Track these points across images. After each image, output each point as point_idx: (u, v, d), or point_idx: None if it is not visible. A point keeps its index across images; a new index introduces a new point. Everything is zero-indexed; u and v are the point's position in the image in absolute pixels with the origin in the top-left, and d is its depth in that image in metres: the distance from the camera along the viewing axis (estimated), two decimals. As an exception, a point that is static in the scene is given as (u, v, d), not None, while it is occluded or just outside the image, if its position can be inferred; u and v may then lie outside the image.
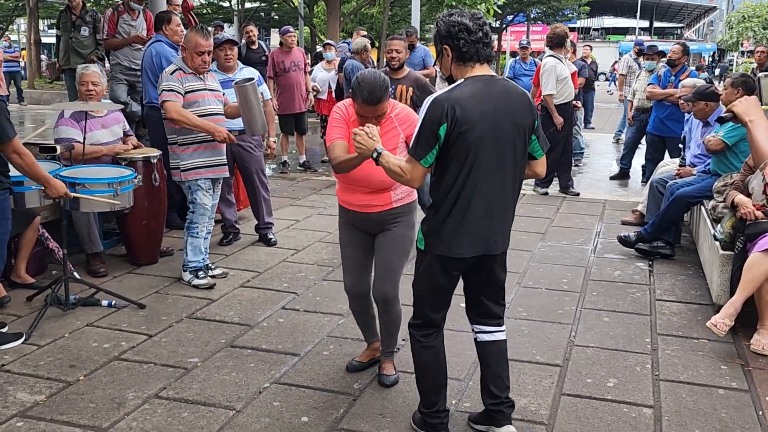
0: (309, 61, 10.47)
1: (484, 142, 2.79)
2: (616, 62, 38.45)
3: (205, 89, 4.95)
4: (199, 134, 4.89)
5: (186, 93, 4.83)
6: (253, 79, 5.12)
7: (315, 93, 10.07)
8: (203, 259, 5.10)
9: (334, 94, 10.02)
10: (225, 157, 5.12)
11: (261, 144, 6.11)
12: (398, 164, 2.88)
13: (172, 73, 4.84)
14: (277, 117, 9.36)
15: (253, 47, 9.87)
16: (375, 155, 2.93)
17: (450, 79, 2.94)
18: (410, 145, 2.88)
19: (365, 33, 10.53)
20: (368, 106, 3.23)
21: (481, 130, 2.77)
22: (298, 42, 10.65)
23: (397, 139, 3.37)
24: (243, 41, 10.03)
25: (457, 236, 2.89)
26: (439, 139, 2.76)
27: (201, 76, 4.93)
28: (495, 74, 2.94)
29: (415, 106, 5.91)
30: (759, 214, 4.35)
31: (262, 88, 6.11)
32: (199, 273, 5.03)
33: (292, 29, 9.36)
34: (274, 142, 6.32)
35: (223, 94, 5.14)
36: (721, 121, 3.05)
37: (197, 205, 4.99)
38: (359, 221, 3.52)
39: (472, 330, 3.19)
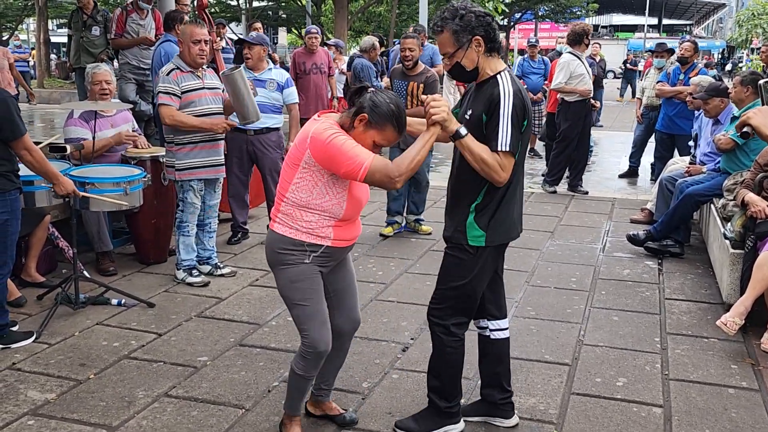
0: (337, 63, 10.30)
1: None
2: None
3: (204, 87, 4.92)
4: (196, 134, 4.88)
5: (183, 93, 4.81)
6: (239, 66, 5.08)
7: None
8: (208, 257, 5.11)
9: (341, 93, 9.96)
10: (222, 157, 5.10)
11: (280, 144, 6.03)
12: (495, 159, 2.77)
13: (168, 74, 4.80)
14: None
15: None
16: (463, 132, 2.78)
17: (474, 72, 2.87)
18: (503, 140, 2.74)
19: (412, 31, 10.38)
20: (399, 135, 2.85)
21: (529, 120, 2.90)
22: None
23: None
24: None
25: (511, 221, 2.98)
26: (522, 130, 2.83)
27: (199, 74, 4.90)
28: None
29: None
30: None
31: (289, 91, 5.98)
32: (193, 271, 5.05)
33: (314, 29, 8.98)
34: None
35: (223, 91, 5.13)
36: (745, 136, 3.03)
37: (187, 204, 4.99)
38: (341, 256, 3.04)
39: (487, 327, 3.21)
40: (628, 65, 24.06)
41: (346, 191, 2.84)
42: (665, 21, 68.46)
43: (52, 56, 28.07)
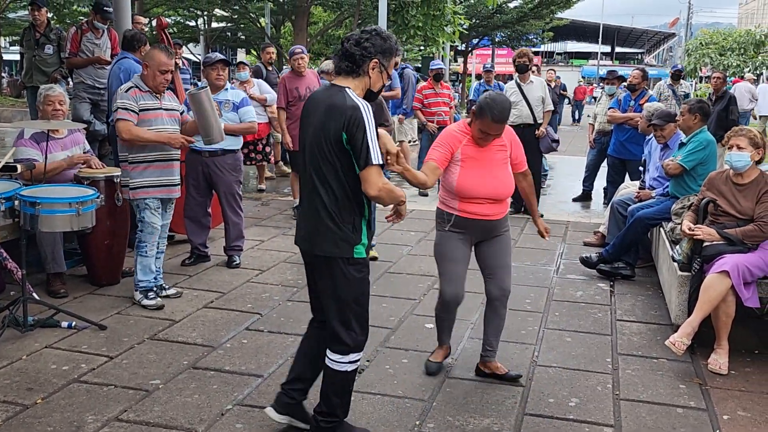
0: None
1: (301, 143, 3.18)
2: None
3: (161, 108, 4.91)
4: (150, 153, 4.86)
5: (140, 111, 4.80)
6: (206, 86, 5.09)
7: None
8: (154, 278, 5.07)
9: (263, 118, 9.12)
10: (177, 177, 5.07)
11: (237, 167, 6.00)
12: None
13: (127, 91, 4.80)
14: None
15: (270, 69, 9.82)
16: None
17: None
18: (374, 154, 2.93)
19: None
20: (496, 124, 3.65)
21: (302, 129, 3.15)
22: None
23: (506, 156, 3.87)
24: (260, 63, 10.10)
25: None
26: None
27: (157, 95, 4.91)
28: (339, 84, 3.06)
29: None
30: (698, 233, 4.44)
31: (245, 110, 5.97)
32: (149, 293, 4.98)
33: (299, 49, 7.86)
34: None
35: (182, 113, 5.11)
36: None
37: (145, 224, 4.95)
38: (477, 230, 3.84)
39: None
40: (560, 91, 24.64)
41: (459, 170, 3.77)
42: (618, 49, 70.33)
43: (4, 74, 27.51)
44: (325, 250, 3.03)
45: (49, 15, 9.32)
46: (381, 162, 2.93)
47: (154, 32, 6.84)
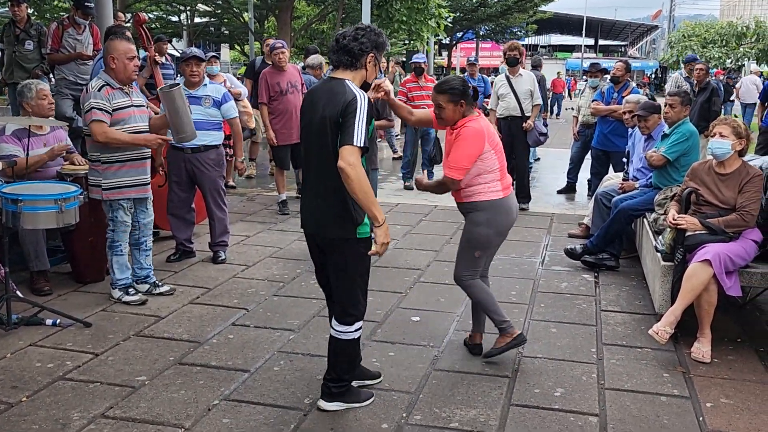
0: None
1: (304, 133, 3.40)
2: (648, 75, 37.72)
3: (132, 105, 4.82)
4: (124, 153, 4.77)
5: (114, 110, 4.70)
6: (178, 84, 5.05)
7: None
8: (146, 276, 5.05)
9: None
10: (149, 176, 5.00)
11: (220, 162, 6.00)
12: None
13: (99, 89, 4.67)
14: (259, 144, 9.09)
15: (269, 62, 9.79)
16: None
17: None
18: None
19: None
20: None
21: (304, 121, 3.38)
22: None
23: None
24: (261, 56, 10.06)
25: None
26: None
27: (127, 91, 4.81)
28: (338, 77, 3.29)
29: (378, 112, 5.97)
30: (682, 223, 4.48)
31: (227, 106, 5.95)
32: (129, 290, 4.96)
33: (279, 44, 7.83)
34: (242, 162, 6.37)
35: (147, 108, 5.06)
36: None
37: (117, 223, 4.87)
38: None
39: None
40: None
41: None
42: (601, 42, 70.68)
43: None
44: (334, 233, 3.32)
45: (30, 10, 9.23)
46: (362, 146, 3.10)
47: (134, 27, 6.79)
